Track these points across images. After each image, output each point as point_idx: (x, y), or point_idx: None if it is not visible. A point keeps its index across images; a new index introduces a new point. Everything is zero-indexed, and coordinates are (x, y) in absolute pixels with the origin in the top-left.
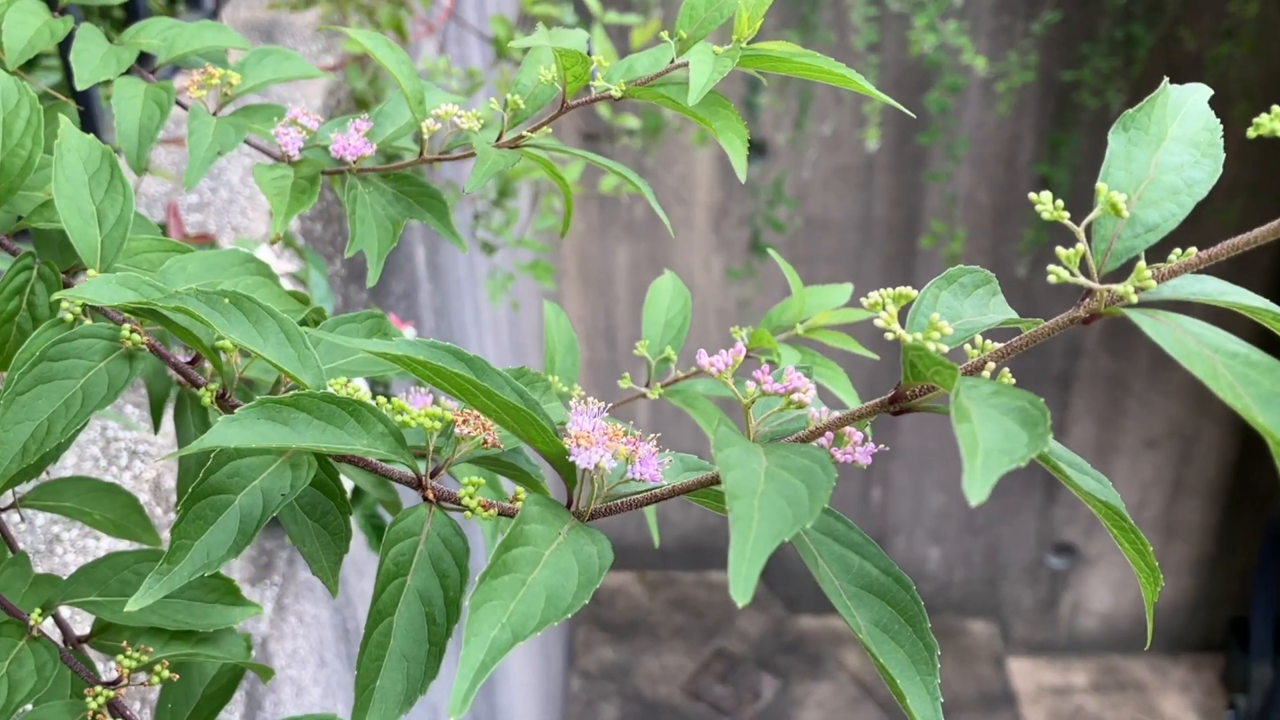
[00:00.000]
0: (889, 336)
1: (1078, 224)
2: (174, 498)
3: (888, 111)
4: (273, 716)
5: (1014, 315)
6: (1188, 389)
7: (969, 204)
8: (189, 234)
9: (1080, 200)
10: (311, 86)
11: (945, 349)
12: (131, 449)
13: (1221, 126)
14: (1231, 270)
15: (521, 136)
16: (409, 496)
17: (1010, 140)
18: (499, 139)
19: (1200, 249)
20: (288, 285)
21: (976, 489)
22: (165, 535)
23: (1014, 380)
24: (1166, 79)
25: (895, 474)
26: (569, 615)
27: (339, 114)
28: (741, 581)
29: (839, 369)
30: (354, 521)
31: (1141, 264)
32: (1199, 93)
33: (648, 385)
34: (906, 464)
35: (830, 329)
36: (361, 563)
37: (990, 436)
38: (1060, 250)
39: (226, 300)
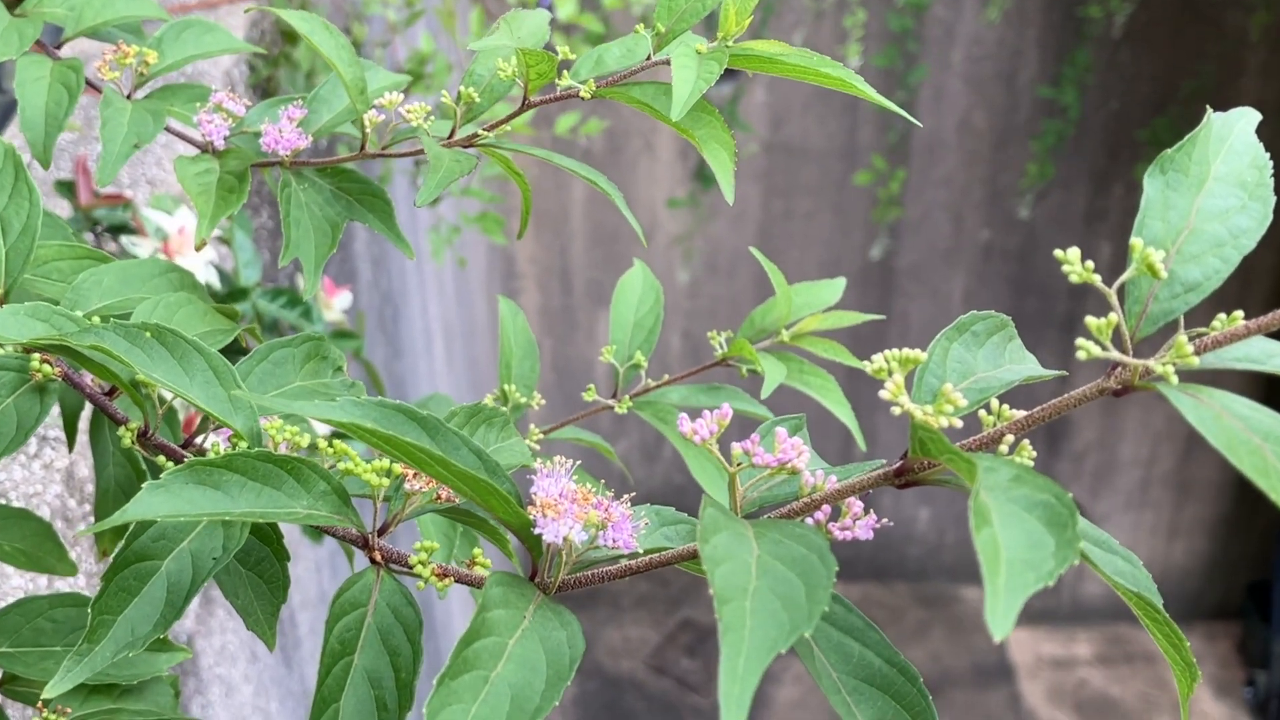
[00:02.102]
0: (896, 411)
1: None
2: (89, 487)
3: (872, 25)
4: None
5: (1034, 369)
6: None
7: (964, 128)
8: (100, 192)
9: (1087, 126)
10: (232, 19)
11: (959, 423)
12: (41, 434)
13: (1271, 163)
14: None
15: (476, 135)
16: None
17: (1011, 56)
18: (451, 136)
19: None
20: (211, 252)
21: (1000, 619)
22: (81, 528)
23: (1033, 456)
24: (1209, 108)
25: (880, 429)
26: None
27: (264, 45)
28: (734, 705)
29: (830, 378)
30: None
31: (1182, 337)
32: (1246, 119)
33: (615, 396)
34: (891, 417)
35: (819, 335)
36: (293, 545)
37: (1013, 543)
38: (1090, 320)
39: (148, 334)
